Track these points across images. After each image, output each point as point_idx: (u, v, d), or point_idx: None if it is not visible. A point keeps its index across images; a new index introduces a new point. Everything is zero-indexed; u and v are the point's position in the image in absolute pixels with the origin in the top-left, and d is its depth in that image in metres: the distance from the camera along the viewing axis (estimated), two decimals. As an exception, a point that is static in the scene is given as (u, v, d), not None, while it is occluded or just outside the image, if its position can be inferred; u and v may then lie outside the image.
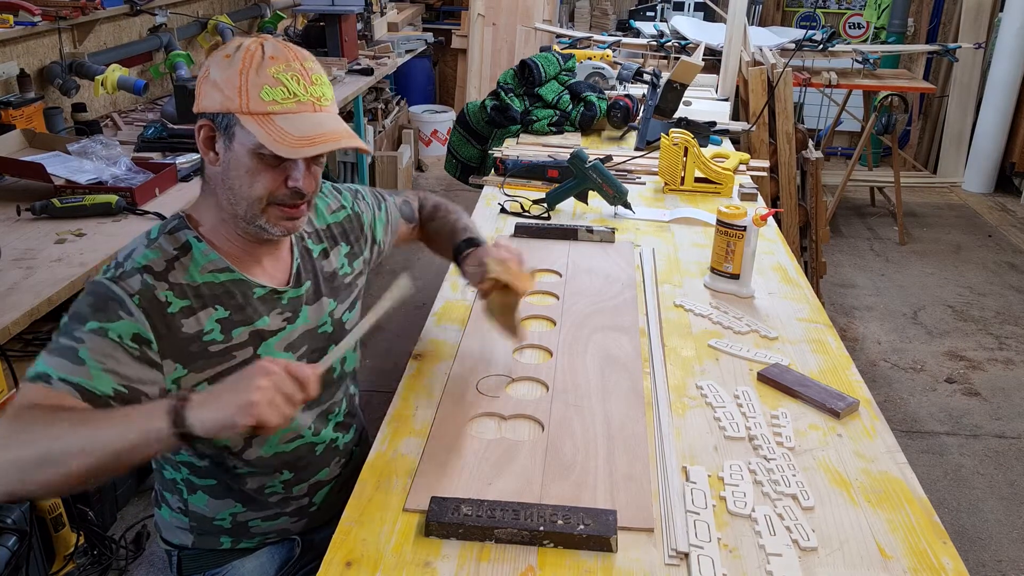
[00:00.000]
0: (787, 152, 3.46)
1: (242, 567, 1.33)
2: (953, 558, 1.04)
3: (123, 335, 1.07)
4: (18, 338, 1.76)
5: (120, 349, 1.06)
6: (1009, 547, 2.42)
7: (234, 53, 1.09)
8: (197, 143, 1.14)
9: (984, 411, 3.09)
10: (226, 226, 1.18)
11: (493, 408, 1.30)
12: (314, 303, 1.28)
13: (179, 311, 1.12)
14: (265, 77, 1.08)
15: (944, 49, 4.63)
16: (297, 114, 1.09)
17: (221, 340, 1.16)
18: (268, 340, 1.21)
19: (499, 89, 2.90)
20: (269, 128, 1.07)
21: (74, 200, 2.14)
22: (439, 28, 6.05)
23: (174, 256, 1.14)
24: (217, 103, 1.09)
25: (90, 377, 1.03)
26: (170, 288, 1.12)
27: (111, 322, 1.06)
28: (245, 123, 1.08)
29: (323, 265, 1.32)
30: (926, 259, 4.48)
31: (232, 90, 1.08)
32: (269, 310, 1.21)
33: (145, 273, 1.11)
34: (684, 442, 1.25)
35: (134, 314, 1.08)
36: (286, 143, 1.07)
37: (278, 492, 1.30)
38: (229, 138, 1.11)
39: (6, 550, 1.83)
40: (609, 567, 1.01)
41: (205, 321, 1.14)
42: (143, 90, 2.93)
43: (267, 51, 1.09)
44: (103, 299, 1.08)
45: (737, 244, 1.69)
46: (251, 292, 1.19)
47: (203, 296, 1.15)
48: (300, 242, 1.30)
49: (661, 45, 4.08)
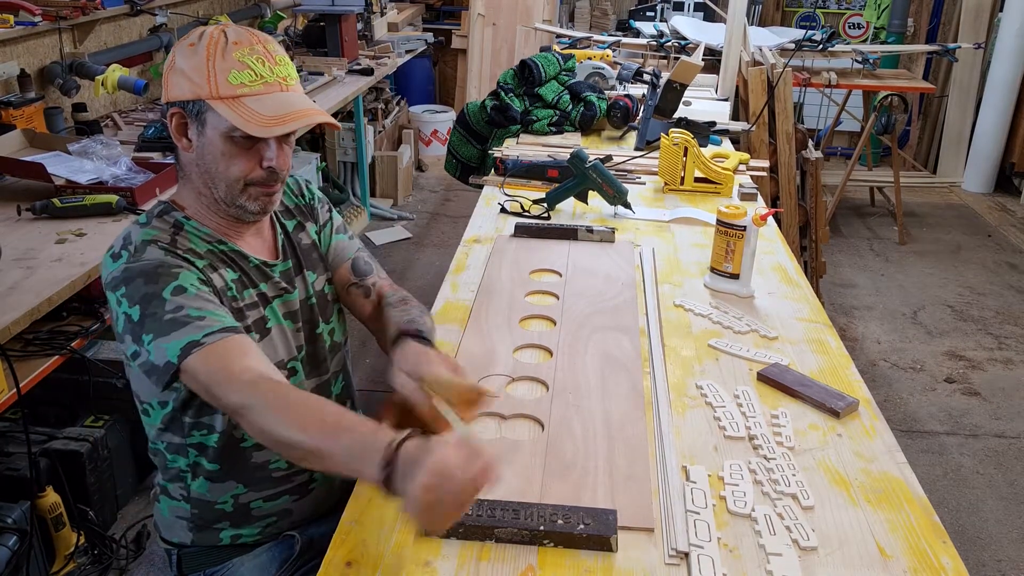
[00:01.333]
0: (787, 152, 3.46)
1: (242, 565, 1.33)
2: (953, 558, 1.04)
3: (192, 283, 1.12)
4: (18, 338, 1.76)
5: (201, 295, 1.11)
6: (1009, 547, 2.42)
7: (198, 41, 1.13)
8: (169, 131, 1.18)
9: (984, 411, 3.09)
10: (208, 208, 1.22)
11: (493, 408, 1.30)
12: (298, 275, 1.33)
13: (204, 267, 1.17)
14: (231, 62, 1.12)
15: (944, 49, 4.63)
16: (266, 95, 1.13)
17: (239, 299, 1.21)
18: (272, 303, 1.26)
19: (499, 89, 2.90)
20: (240, 110, 1.11)
21: (74, 200, 2.14)
22: (439, 28, 6.04)
23: (172, 232, 1.19)
24: (187, 91, 1.13)
25: (220, 318, 1.09)
26: (186, 252, 1.16)
27: (176, 279, 1.11)
28: (216, 108, 1.11)
29: (300, 238, 1.36)
30: (926, 259, 4.48)
31: (200, 77, 1.11)
32: (266, 279, 1.27)
33: (158, 243, 1.15)
34: (684, 442, 1.25)
35: (182, 264, 1.13)
36: (258, 123, 1.10)
37: (281, 468, 1.31)
38: (201, 124, 1.14)
39: (6, 550, 1.83)
40: (609, 567, 1.01)
41: (226, 277, 1.20)
42: (143, 90, 2.93)
43: (230, 36, 1.13)
44: (151, 271, 1.11)
45: (737, 244, 1.69)
46: (248, 262, 1.25)
47: (213, 258, 1.20)
48: (277, 220, 1.34)
49: (661, 45, 4.08)
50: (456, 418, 1.05)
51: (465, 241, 1.98)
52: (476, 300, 1.67)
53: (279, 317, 1.27)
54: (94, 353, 2.33)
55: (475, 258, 1.88)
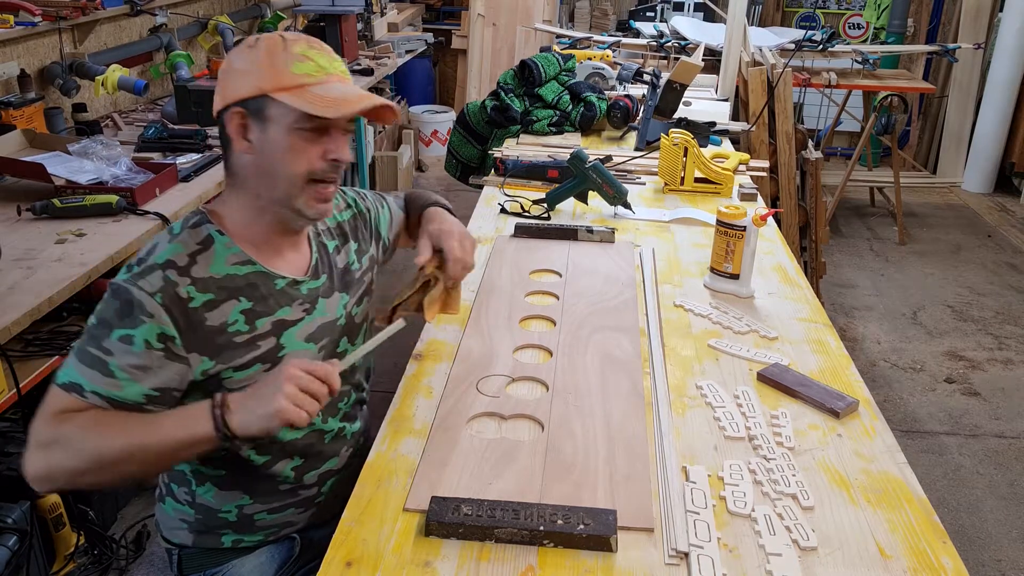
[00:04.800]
0: (787, 152, 3.46)
1: (242, 566, 1.33)
2: (953, 558, 1.04)
3: (149, 338, 1.10)
4: (18, 338, 1.76)
5: (147, 354, 1.10)
6: (1009, 547, 2.42)
7: (255, 43, 1.14)
8: (228, 134, 1.16)
9: (984, 411, 3.09)
10: (252, 219, 1.21)
11: (493, 408, 1.30)
12: (329, 296, 1.31)
13: (202, 305, 1.14)
14: (293, 55, 1.13)
15: (944, 49, 4.63)
16: (328, 83, 1.14)
17: (246, 331, 1.18)
18: (289, 330, 1.24)
19: (499, 89, 2.90)
20: (307, 97, 1.11)
21: (74, 200, 2.14)
22: (439, 28, 6.05)
23: (196, 250, 1.16)
24: (249, 86, 1.12)
25: (120, 389, 1.09)
26: (192, 283, 1.14)
27: (135, 328, 1.09)
28: (281, 99, 1.11)
29: (337, 260, 1.35)
30: (926, 259, 4.48)
31: (263, 71, 1.11)
32: (290, 301, 1.24)
33: (167, 269, 1.13)
34: (684, 442, 1.25)
35: (155, 315, 1.10)
36: (327, 104, 1.11)
37: (288, 481, 1.30)
38: (263, 121, 1.13)
39: (6, 550, 1.83)
40: (609, 567, 1.01)
41: (229, 312, 1.17)
42: (143, 90, 2.93)
43: (287, 37, 1.15)
44: (126, 304, 1.11)
45: (737, 244, 1.69)
46: (272, 284, 1.22)
47: (226, 288, 1.17)
48: (317, 238, 1.33)
49: (661, 45, 4.08)
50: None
51: (465, 241, 1.97)
52: (476, 300, 1.67)
53: (296, 342, 1.24)
54: (94, 353, 2.33)
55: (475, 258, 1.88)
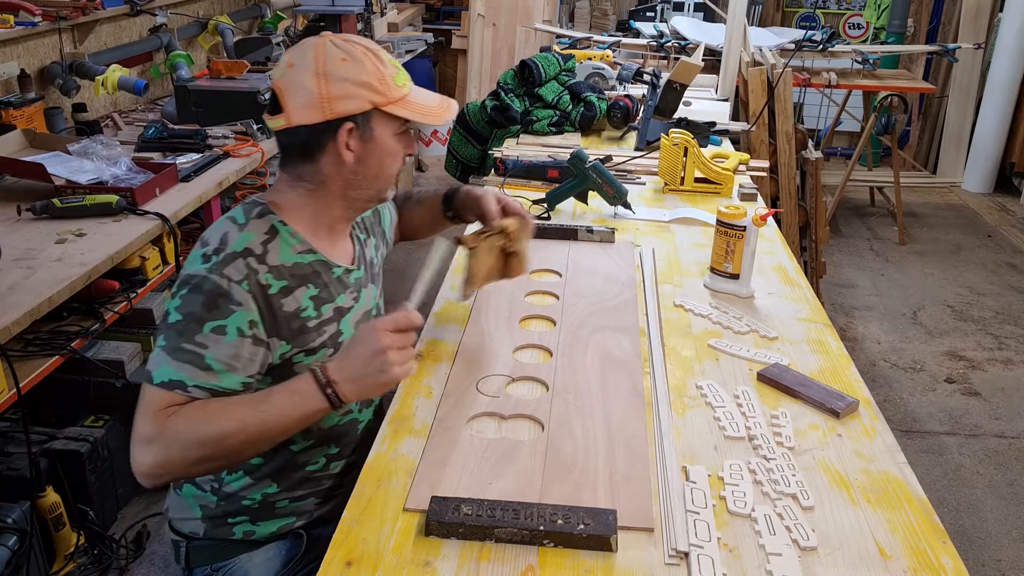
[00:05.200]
0: (787, 152, 3.46)
1: (249, 561, 1.34)
2: (953, 558, 1.04)
3: (240, 326, 1.15)
4: (18, 338, 1.76)
5: (239, 342, 1.15)
6: (1009, 547, 2.43)
7: (350, 54, 1.18)
8: (326, 144, 1.20)
9: (984, 411, 3.09)
10: (319, 211, 1.26)
11: (493, 408, 1.30)
12: (366, 286, 1.39)
13: (278, 292, 1.20)
14: (389, 67, 1.21)
15: (944, 49, 4.63)
16: (413, 90, 1.23)
17: (315, 316, 1.25)
18: (345, 316, 1.31)
19: (499, 89, 2.90)
20: (412, 108, 1.21)
21: (74, 200, 2.14)
22: (439, 28, 6.04)
23: (266, 239, 1.21)
24: (362, 101, 1.18)
25: (218, 380, 1.13)
26: (269, 271, 1.19)
27: (226, 318, 1.14)
28: (390, 111, 1.20)
29: (366, 252, 1.42)
30: (926, 259, 4.48)
31: (376, 86, 1.18)
32: (343, 289, 1.31)
33: (247, 257, 1.17)
34: (684, 442, 1.25)
35: (243, 303, 1.15)
36: (435, 114, 1.23)
37: (318, 469, 1.35)
38: (368, 131, 1.21)
39: (7, 550, 1.83)
40: (609, 567, 1.01)
41: (301, 298, 1.23)
42: (143, 90, 2.93)
43: (370, 45, 1.21)
44: (212, 296, 1.14)
45: (737, 244, 1.69)
46: (331, 272, 1.29)
47: (296, 276, 1.22)
48: (353, 231, 1.39)
49: (661, 45, 4.08)
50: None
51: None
52: (476, 300, 1.67)
53: (349, 328, 1.32)
54: (94, 353, 2.34)
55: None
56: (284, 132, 1.22)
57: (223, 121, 2.85)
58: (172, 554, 1.41)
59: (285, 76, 1.19)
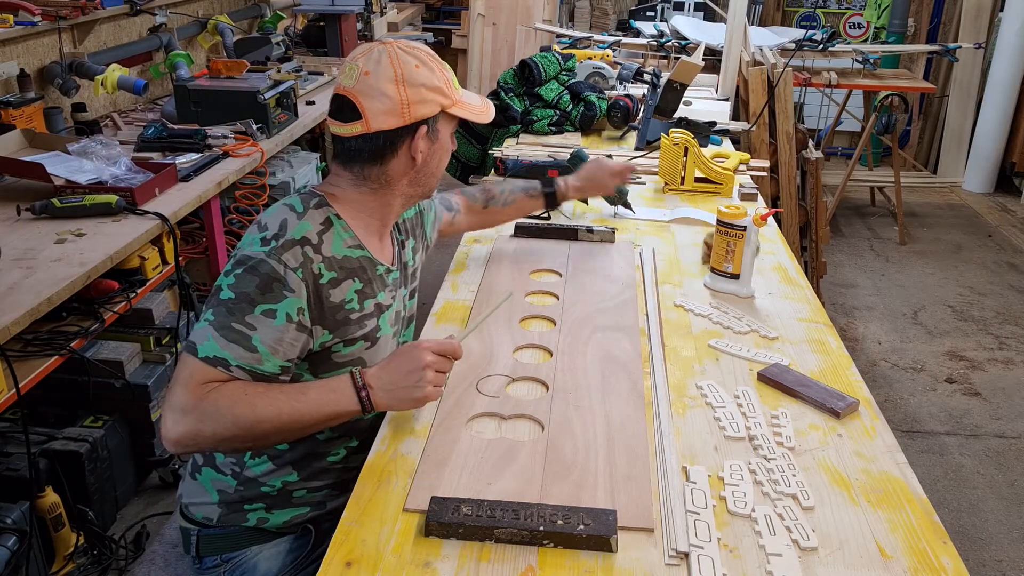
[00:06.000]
0: (787, 152, 3.46)
1: (259, 552, 1.35)
2: (953, 558, 1.04)
3: (289, 311, 1.18)
4: (18, 338, 1.76)
5: (286, 327, 1.18)
6: (1009, 547, 2.42)
7: (421, 60, 1.25)
8: (400, 146, 1.26)
9: (984, 411, 3.09)
10: (375, 208, 1.31)
11: (493, 408, 1.30)
12: (400, 288, 1.42)
13: (328, 282, 1.23)
14: (448, 71, 1.29)
15: (944, 49, 4.63)
16: (461, 90, 1.32)
17: (358, 309, 1.28)
18: (384, 313, 1.34)
19: (499, 89, 2.90)
20: (468, 109, 1.31)
21: (74, 200, 2.14)
22: (439, 28, 6.04)
23: (321, 229, 1.24)
24: (434, 105, 1.26)
25: (261, 363, 1.17)
26: (323, 261, 1.22)
27: (278, 303, 1.17)
28: (453, 112, 1.29)
29: (403, 255, 1.45)
30: (926, 259, 4.48)
31: (444, 90, 1.27)
32: (383, 287, 1.34)
33: (304, 246, 1.20)
34: (684, 442, 1.25)
35: (296, 289, 1.18)
36: (482, 113, 1.34)
37: (337, 461, 1.36)
38: (435, 133, 1.29)
39: (6, 550, 1.83)
40: (609, 567, 1.01)
41: (347, 291, 1.26)
42: (143, 90, 2.92)
43: (429, 51, 1.28)
44: (268, 279, 1.17)
45: (737, 244, 1.69)
46: (375, 269, 1.32)
47: (345, 268, 1.26)
48: (393, 231, 1.42)
49: (661, 45, 4.08)
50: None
51: (465, 241, 1.97)
52: (476, 300, 1.67)
53: (387, 327, 1.35)
54: (94, 353, 2.33)
55: (475, 258, 1.88)
56: (360, 137, 1.24)
57: (223, 121, 2.85)
58: (172, 553, 1.41)
59: (361, 83, 1.22)
